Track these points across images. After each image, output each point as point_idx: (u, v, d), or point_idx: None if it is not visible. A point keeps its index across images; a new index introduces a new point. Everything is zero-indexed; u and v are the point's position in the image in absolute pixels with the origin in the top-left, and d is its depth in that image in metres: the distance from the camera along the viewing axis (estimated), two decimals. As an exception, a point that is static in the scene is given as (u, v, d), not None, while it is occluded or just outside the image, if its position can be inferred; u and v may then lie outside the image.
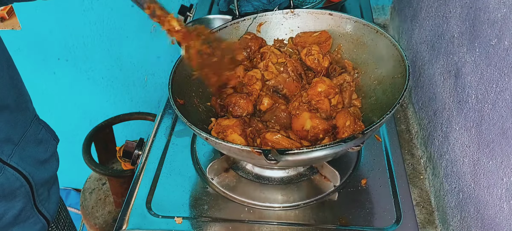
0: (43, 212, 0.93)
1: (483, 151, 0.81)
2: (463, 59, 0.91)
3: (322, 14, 1.02)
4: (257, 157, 0.72)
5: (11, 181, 0.83)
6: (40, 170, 0.91)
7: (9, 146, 0.83)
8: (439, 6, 1.08)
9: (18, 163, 0.84)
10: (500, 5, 0.75)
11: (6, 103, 0.83)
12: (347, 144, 0.71)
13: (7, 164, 0.82)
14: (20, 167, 0.85)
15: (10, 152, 0.83)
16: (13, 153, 0.84)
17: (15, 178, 0.84)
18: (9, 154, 0.83)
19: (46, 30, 1.88)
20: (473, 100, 0.86)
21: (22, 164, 0.85)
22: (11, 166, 0.83)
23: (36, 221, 0.92)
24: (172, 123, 1.08)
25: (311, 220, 0.84)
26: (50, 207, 0.96)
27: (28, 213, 0.89)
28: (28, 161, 0.87)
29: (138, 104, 2.18)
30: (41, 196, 0.92)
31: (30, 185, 0.87)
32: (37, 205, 0.91)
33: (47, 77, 2.05)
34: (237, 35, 1.04)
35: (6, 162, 0.82)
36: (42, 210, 0.93)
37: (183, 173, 0.95)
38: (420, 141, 1.18)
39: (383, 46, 0.93)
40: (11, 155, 0.83)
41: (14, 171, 0.84)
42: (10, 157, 0.83)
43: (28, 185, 0.87)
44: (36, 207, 0.91)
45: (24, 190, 0.86)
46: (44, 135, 0.95)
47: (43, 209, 0.93)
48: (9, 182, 0.83)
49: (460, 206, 0.90)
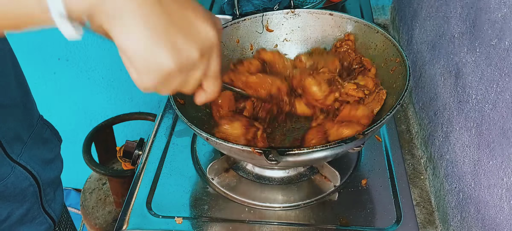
0: (49, 212, 0.93)
1: (483, 151, 0.81)
2: (464, 60, 0.91)
3: (322, 14, 1.02)
4: (257, 157, 0.71)
5: (21, 179, 0.83)
6: (46, 170, 0.91)
7: (18, 144, 0.83)
8: (439, 6, 1.08)
9: (27, 162, 0.84)
10: (500, 5, 0.75)
11: (15, 102, 0.83)
12: (348, 144, 0.71)
13: (17, 162, 0.82)
14: (29, 166, 0.85)
15: (20, 151, 0.83)
16: (22, 152, 0.84)
17: (24, 177, 0.84)
18: (19, 153, 0.83)
19: (46, 30, 1.87)
20: (474, 101, 0.86)
21: (31, 163, 0.85)
22: (20, 165, 0.83)
23: (42, 221, 0.92)
24: (172, 123, 1.08)
25: (311, 220, 0.84)
26: (56, 208, 0.96)
27: (35, 213, 0.89)
28: (36, 160, 0.87)
29: (138, 104, 2.17)
30: (48, 196, 0.92)
31: (38, 185, 0.87)
32: (43, 205, 0.91)
33: (47, 77, 2.05)
34: (237, 35, 1.04)
35: (16, 160, 0.82)
36: (49, 210, 0.93)
37: (183, 173, 0.95)
38: (420, 141, 1.18)
39: (383, 47, 0.93)
40: (20, 153, 0.83)
41: (23, 169, 0.83)
42: (20, 155, 0.83)
43: (36, 185, 0.87)
44: (43, 207, 0.91)
45: (33, 190, 0.86)
46: (49, 135, 0.95)
47: (50, 209, 0.93)
48: (19, 181, 0.83)
49: (460, 206, 0.90)
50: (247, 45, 1.05)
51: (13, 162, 0.81)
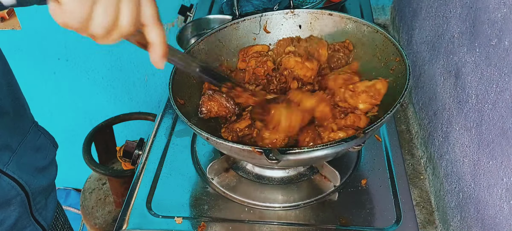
0: (39, 221, 0.91)
1: (483, 151, 0.81)
2: (463, 59, 0.91)
3: (322, 14, 1.02)
4: (258, 156, 0.72)
5: (6, 190, 0.81)
6: (38, 177, 0.89)
7: (6, 153, 0.81)
8: (439, 6, 1.08)
9: (14, 171, 0.82)
10: (500, 5, 0.75)
11: (4, 109, 0.82)
12: (348, 143, 0.71)
13: (3, 172, 0.80)
14: (16, 175, 0.83)
15: (7, 160, 0.81)
16: (10, 160, 0.82)
17: (11, 186, 0.82)
18: (6, 162, 0.81)
19: (46, 30, 1.88)
20: (473, 101, 0.86)
21: (18, 172, 0.83)
22: (7, 175, 0.81)
23: (32, 230, 0.90)
24: (172, 123, 1.08)
25: (311, 220, 0.84)
26: (47, 215, 0.94)
27: (24, 222, 0.87)
28: (25, 169, 0.85)
29: (138, 104, 2.18)
30: (38, 204, 0.90)
31: (26, 194, 0.85)
32: (33, 213, 0.89)
33: (47, 77, 2.05)
34: (237, 35, 1.04)
35: (2, 170, 0.80)
36: (39, 218, 0.91)
37: (183, 173, 0.95)
38: (420, 141, 1.18)
39: (383, 46, 0.93)
40: (8, 163, 0.81)
41: (9, 179, 0.81)
42: (7, 165, 0.81)
43: (24, 194, 0.85)
44: (33, 216, 0.89)
45: (20, 199, 0.84)
46: (43, 142, 0.94)
47: (40, 217, 0.91)
48: (4, 191, 0.81)
49: (460, 206, 0.90)
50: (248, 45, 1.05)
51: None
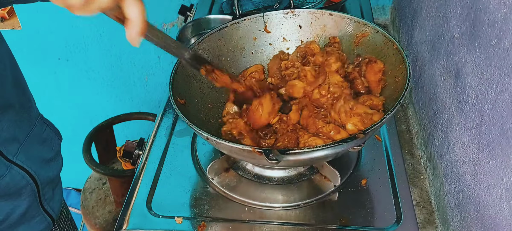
0: (48, 211, 0.94)
1: (483, 151, 0.81)
2: (463, 60, 0.91)
3: (322, 14, 1.02)
4: (258, 156, 0.72)
5: (17, 179, 0.84)
6: (45, 169, 0.91)
7: (14, 144, 0.84)
8: (439, 6, 1.08)
9: (23, 162, 0.85)
10: (500, 5, 0.75)
11: (11, 102, 0.83)
12: (349, 143, 0.71)
13: (13, 162, 0.83)
14: (26, 166, 0.85)
15: (16, 151, 0.84)
16: (18, 151, 0.84)
17: (21, 176, 0.84)
18: (15, 152, 0.83)
19: (46, 30, 1.88)
20: (473, 101, 0.86)
21: (28, 163, 0.86)
22: (17, 165, 0.83)
23: (41, 219, 0.92)
24: (173, 123, 1.08)
25: (311, 220, 0.84)
26: (55, 206, 0.96)
27: (34, 212, 0.90)
28: (34, 160, 0.88)
29: (139, 104, 2.18)
30: (47, 195, 0.93)
31: (36, 184, 0.88)
32: (42, 203, 0.92)
33: (47, 77, 2.05)
34: (237, 35, 1.04)
35: (12, 160, 0.83)
36: (47, 208, 0.93)
37: (183, 173, 0.95)
38: (420, 141, 1.18)
39: (383, 47, 0.93)
40: (16, 153, 0.84)
41: (20, 169, 0.84)
42: (16, 155, 0.84)
43: (34, 184, 0.87)
44: (42, 205, 0.91)
45: (30, 189, 0.87)
46: (49, 134, 0.96)
47: (48, 207, 0.94)
48: (15, 181, 0.83)
49: (460, 206, 0.90)
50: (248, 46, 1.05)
51: (8, 162, 0.82)
